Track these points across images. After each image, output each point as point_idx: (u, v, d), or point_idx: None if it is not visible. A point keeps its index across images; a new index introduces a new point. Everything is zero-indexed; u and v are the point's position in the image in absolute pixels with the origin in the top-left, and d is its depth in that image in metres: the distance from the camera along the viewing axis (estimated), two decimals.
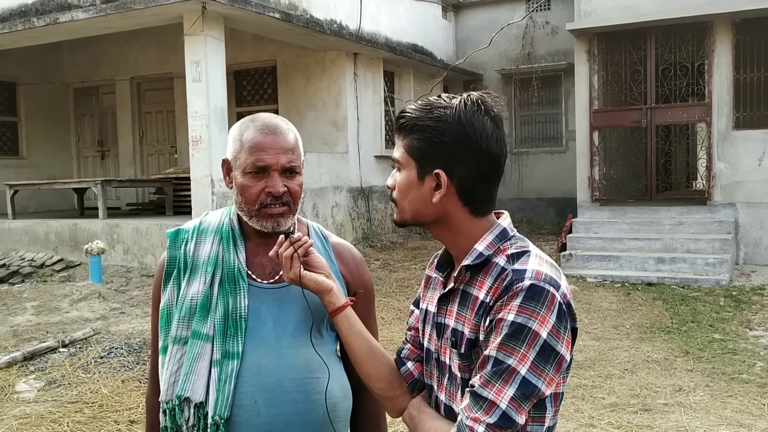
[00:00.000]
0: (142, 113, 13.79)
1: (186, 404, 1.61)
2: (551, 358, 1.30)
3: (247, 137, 1.66)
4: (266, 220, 1.66)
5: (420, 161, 1.41)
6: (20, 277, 9.22)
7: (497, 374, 1.29)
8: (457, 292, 1.44)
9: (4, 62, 12.31)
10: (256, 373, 1.62)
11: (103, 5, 9.09)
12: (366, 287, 1.83)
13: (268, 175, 1.64)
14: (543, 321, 1.29)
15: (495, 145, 1.39)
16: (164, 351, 1.67)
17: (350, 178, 11.77)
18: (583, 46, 10.86)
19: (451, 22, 15.45)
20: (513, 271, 1.34)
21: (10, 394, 4.91)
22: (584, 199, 10.95)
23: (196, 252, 1.71)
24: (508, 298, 1.31)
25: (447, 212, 1.42)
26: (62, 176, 13.55)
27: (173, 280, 1.70)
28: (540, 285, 1.31)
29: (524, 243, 1.43)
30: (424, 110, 1.41)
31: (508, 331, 1.29)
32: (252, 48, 11.90)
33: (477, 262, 1.40)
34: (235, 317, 1.64)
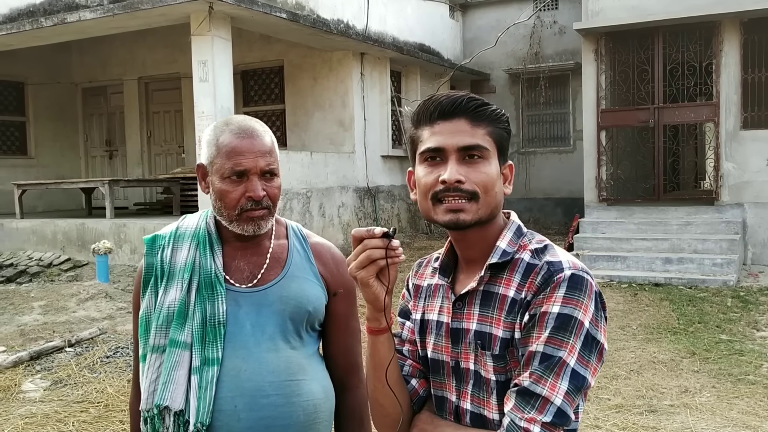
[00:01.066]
0: (149, 113, 13.84)
1: (166, 412, 1.60)
2: (594, 347, 1.28)
3: (223, 141, 1.63)
4: (247, 224, 1.64)
5: (501, 152, 1.39)
6: (28, 277, 9.26)
7: (549, 368, 1.25)
8: (476, 294, 1.38)
9: (13, 62, 12.37)
10: (235, 377, 1.60)
11: (111, 5, 9.12)
12: (347, 287, 1.80)
13: (247, 179, 1.62)
14: (586, 310, 1.27)
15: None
16: (143, 359, 1.66)
17: (357, 178, 11.78)
18: (591, 45, 10.82)
19: (458, 21, 15.43)
20: (548, 263, 1.32)
21: (17, 394, 4.93)
22: (591, 199, 10.91)
23: (173, 258, 1.69)
24: (551, 290, 1.28)
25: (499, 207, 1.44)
26: (70, 176, 13.61)
27: (150, 288, 1.69)
28: (580, 274, 1.30)
29: (541, 237, 1.41)
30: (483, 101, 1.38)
31: (555, 324, 1.26)
32: (259, 48, 11.92)
33: (503, 260, 1.36)
34: (214, 323, 1.62)
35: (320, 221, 10.80)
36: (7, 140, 13.34)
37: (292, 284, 1.70)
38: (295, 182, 10.26)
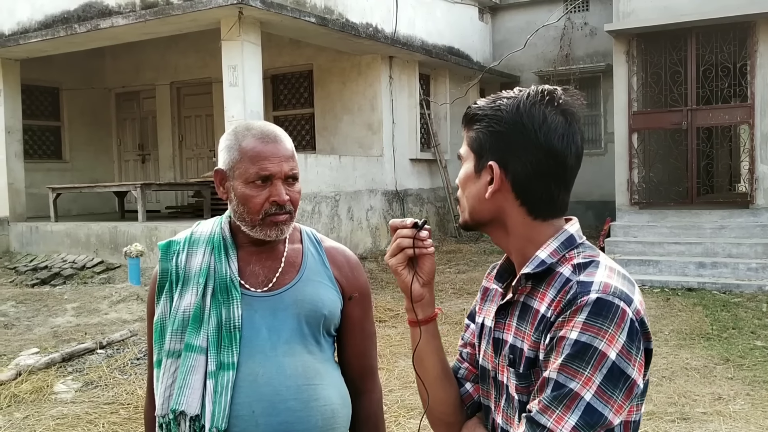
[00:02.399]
0: (181, 117, 14.01)
1: (181, 418, 1.60)
2: (621, 382, 1.15)
3: (247, 146, 1.63)
4: (270, 228, 1.64)
5: (477, 153, 1.31)
6: (62, 279, 9.42)
7: (557, 399, 1.16)
8: (517, 305, 1.32)
9: (48, 68, 12.61)
10: (253, 383, 1.60)
11: (143, 11, 9.25)
12: (362, 291, 1.80)
13: (271, 183, 1.62)
14: (611, 340, 1.14)
15: (559, 141, 1.25)
16: (158, 365, 1.66)
17: (385, 182, 11.78)
18: (622, 47, 10.69)
19: (488, 24, 15.37)
20: (578, 283, 1.21)
21: (49, 395, 5.01)
22: (623, 202, 10.78)
23: (188, 263, 1.69)
24: (571, 314, 1.17)
25: (503, 211, 1.30)
26: (104, 180, 13.83)
27: (165, 293, 1.69)
28: (608, 299, 1.17)
29: (593, 252, 1.29)
30: (489, 101, 1.32)
31: (571, 351, 1.16)
32: (289, 52, 12.00)
33: (538, 270, 1.27)
34: (229, 327, 1.62)
35: (348, 224, 10.82)
36: (42, 144, 13.60)
37: (307, 288, 1.70)
38: (324, 186, 10.30)
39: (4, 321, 7.32)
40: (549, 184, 1.28)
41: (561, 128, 1.26)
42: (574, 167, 1.30)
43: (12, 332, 6.90)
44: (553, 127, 1.25)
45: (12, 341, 6.54)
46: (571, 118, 1.27)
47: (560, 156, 1.26)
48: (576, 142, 1.28)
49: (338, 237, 10.42)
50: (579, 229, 1.34)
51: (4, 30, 10.87)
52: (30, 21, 10.58)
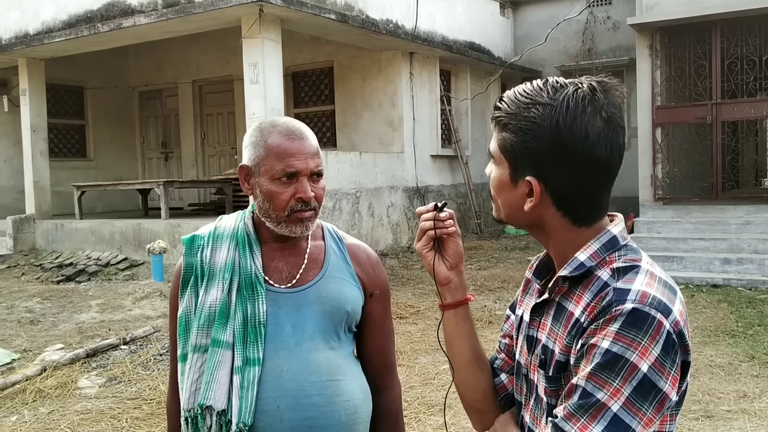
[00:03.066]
0: (203, 115, 14.11)
1: (208, 412, 1.60)
2: (651, 395, 1.12)
3: (273, 142, 1.63)
4: (296, 225, 1.65)
5: (512, 163, 1.24)
6: (86, 276, 9.53)
7: (584, 408, 1.13)
8: (553, 304, 1.28)
9: (73, 67, 12.77)
10: (278, 378, 1.61)
11: (164, 10, 9.32)
12: (382, 288, 1.81)
13: (296, 180, 1.62)
14: (644, 352, 1.11)
15: (603, 149, 1.18)
16: (183, 359, 1.66)
17: (406, 178, 11.77)
18: (645, 40, 10.57)
19: (509, 19, 15.28)
20: (614, 290, 1.16)
21: (73, 390, 5.07)
22: (647, 198, 10.67)
23: (213, 258, 1.69)
24: (605, 322, 1.13)
25: (543, 220, 1.26)
26: (128, 177, 13.98)
27: (190, 288, 1.69)
28: (644, 310, 1.12)
29: (636, 255, 1.23)
30: (522, 105, 1.22)
31: (601, 360, 1.12)
32: (309, 49, 12.03)
33: (576, 273, 1.22)
34: (255, 323, 1.62)
35: (369, 221, 10.83)
36: (67, 143, 13.78)
37: (331, 285, 1.70)
38: (345, 182, 10.32)
39: (30, 317, 7.43)
40: (593, 193, 1.23)
41: (603, 137, 1.18)
42: (617, 167, 1.23)
43: (38, 328, 7.01)
44: (596, 138, 1.18)
45: (38, 337, 6.64)
46: (613, 121, 1.19)
47: (603, 164, 1.20)
48: (619, 146, 1.21)
49: (359, 234, 10.43)
50: (623, 229, 1.27)
51: (29, 30, 11.01)
52: (54, 21, 10.70)
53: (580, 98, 1.19)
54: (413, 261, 10.39)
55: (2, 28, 11.39)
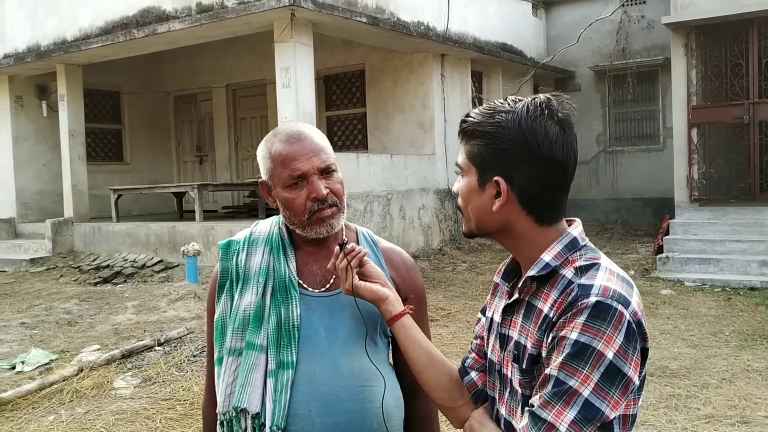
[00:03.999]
0: (237, 119, 14.27)
1: (243, 415, 1.61)
2: (617, 380, 1.23)
3: (276, 151, 1.65)
4: (319, 225, 1.65)
5: (480, 168, 1.37)
6: (123, 278, 9.70)
7: (557, 395, 1.24)
8: (522, 304, 1.39)
9: (110, 73, 13.01)
10: (310, 382, 1.61)
11: (198, 15, 9.45)
12: (417, 292, 1.80)
13: (307, 181, 1.63)
14: (609, 341, 1.22)
15: (560, 151, 1.32)
16: (219, 362, 1.68)
17: (437, 180, 11.75)
18: (680, 40, 10.42)
19: (541, 19, 15.18)
20: (579, 286, 1.28)
21: (109, 390, 5.17)
22: (682, 199, 10.51)
23: (248, 263, 1.71)
24: (572, 315, 1.25)
25: (510, 221, 1.37)
26: (163, 180, 14.19)
27: (226, 292, 1.71)
28: (607, 302, 1.24)
29: (595, 254, 1.36)
30: (486, 115, 1.36)
31: (571, 351, 1.23)
32: (341, 53, 12.09)
33: (543, 273, 1.34)
34: (288, 326, 1.63)
35: (401, 223, 10.84)
36: (104, 147, 14.04)
37: None
38: (376, 185, 10.34)
39: (68, 318, 7.59)
40: (553, 193, 1.36)
41: (560, 139, 1.32)
42: (572, 173, 1.37)
43: (75, 329, 7.15)
44: (554, 139, 1.32)
45: (75, 338, 6.78)
46: (567, 126, 1.34)
47: (562, 165, 1.34)
48: (574, 150, 1.35)
49: (390, 236, 10.44)
50: (582, 231, 1.40)
51: (67, 36, 11.25)
52: (91, 27, 10.92)
53: (538, 104, 1.34)
54: (444, 263, 10.37)
55: (41, 35, 11.65)
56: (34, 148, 12.84)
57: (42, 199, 12.85)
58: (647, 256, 10.46)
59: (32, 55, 11.57)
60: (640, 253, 10.88)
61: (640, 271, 9.63)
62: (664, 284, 8.84)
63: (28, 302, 8.54)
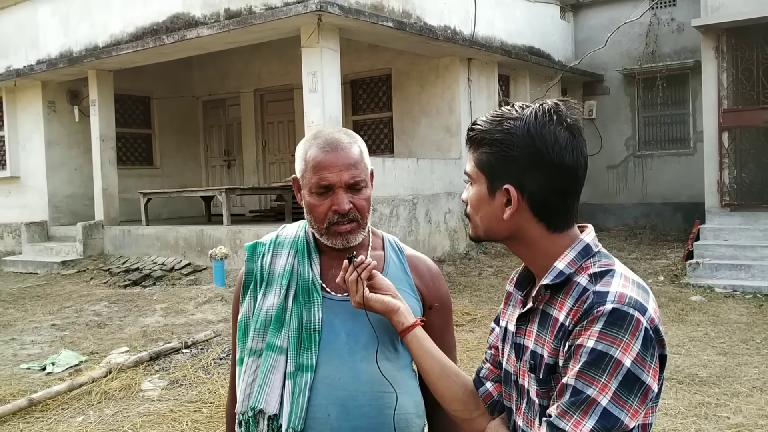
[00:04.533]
0: (264, 123, 14.38)
1: (260, 416, 1.62)
2: (636, 388, 1.21)
3: (310, 156, 1.66)
4: (335, 237, 1.66)
5: (489, 176, 1.35)
6: (152, 281, 9.82)
7: (575, 405, 1.22)
8: (537, 312, 1.37)
9: (140, 78, 13.20)
10: (330, 385, 1.61)
11: (226, 21, 9.55)
12: (442, 300, 1.79)
13: (333, 192, 1.64)
14: (626, 348, 1.20)
15: (570, 156, 1.31)
16: (241, 363, 1.69)
17: (463, 184, 11.68)
18: (711, 42, 10.28)
19: (569, 22, 15.07)
20: (594, 294, 1.26)
21: (137, 392, 5.24)
22: (713, 204, 10.36)
23: (272, 265, 1.73)
24: (588, 323, 1.23)
25: (521, 228, 1.36)
26: (192, 184, 14.35)
27: (250, 293, 1.73)
28: (623, 309, 1.22)
29: (609, 261, 1.34)
30: (494, 122, 1.34)
31: (588, 359, 1.21)
32: (368, 57, 12.12)
33: (557, 281, 1.32)
34: (309, 329, 1.64)
35: (426, 228, 10.82)
36: (135, 151, 14.23)
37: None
38: (402, 189, 10.34)
39: (97, 320, 7.70)
40: (565, 199, 1.34)
41: (569, 144, 1.31)
42: (583, 178, 1.35)
43: (104, 331, 7.25)
44: (563, 145, 1.30)
45: (104, 340, 6.87)
46: (576, 131, 1.32)
47: (572, 171, 1.32)
48: (583, 155, 1.34)
49: (416, 240, 10.44)
50: (595, 237, 1.38)
51: (99, 42, 11.43)
52: (122, 33, 11.09)
53: (546, 110, 1.32)
54: (470, 268, 10.34)
55: (73, 42, 11.86)
56: (66, 152, 13.07)
57: (73, 202, 13.06)
58: (677, 261, 10.32)
59: (64, 61, 11.78)
60: (669, 258, 10.74)
61: (669, 276, 9.50)
62: (694, 290, 8.71)
63: (59, 304, 8.69)
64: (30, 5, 12.62)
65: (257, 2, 9.37)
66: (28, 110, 13.18)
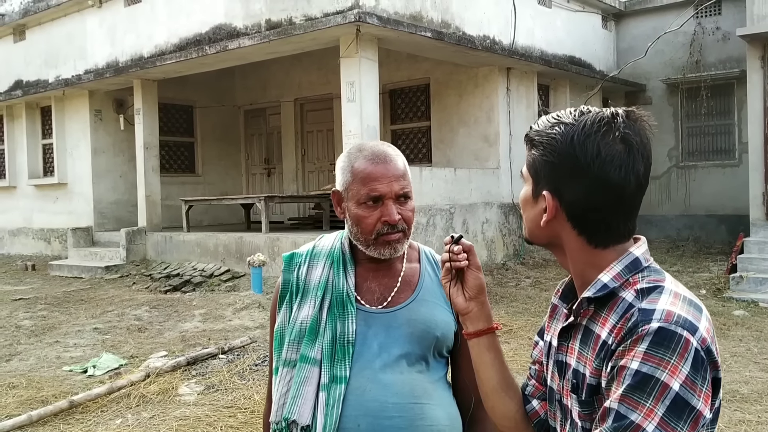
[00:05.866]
0: (304, 132, 14.54)
1: (294, 426, 1.64)
2: (685, 413, 1.12)
3: (358, 167, 1.67)
4: (384, 247, 1.67)
5: (534, 179, 1.31)
6: (192, 286, 9.98)
7: (618, 430, 1.13)
8: (579, 328, 1.29)
9: (184, 88, 13.48)
10: (360, 396, 1.62)
11: (267, 32, 9.69)
12: None
13: (382, 203, 1.65)
14: (674, 371, 1.11)
15: (616, 172, 1.21)
16: (276, 372, 1.71)
17: (501, 194, 11.66)
18: (756, 52, 10.09)
19: (611, 31, 14.92)
20: (639, 311, 1.17)
21: (174, 396, 5.33)
22: (758, 216, 10.13)
23: (308, 276, 1.74)
24: (632, 343, 1.14)
25: (560, 238, 1.30)
26: (233, 192, 14.58)
27: (286, 303, 1.75)
28: (670, 329, 1.13)
29: (659, 276, 1.24)
30: (548, 124, 1.29)
31: (632, 382, 1.13)
32: (406, 67, 12.18)
33: (600, 294, 1.24)
34: (343, 342, 1.65)
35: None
36: (177, 159, 14.52)
37: (422, 308, 1.71)
38: (439, 198, 10.34)
39: (138, 324, 7.86)
40: (606, 215, 1.25)
41: (618, 159, 1.21)
42: (635, 196, 1.26)
43: (144, 335, 7.40)
44: (609, 159, 1.21)
45: (144, 344, 7.01)
46: (632, 146, 1.22)
47: (617, 187, 1.22)
48: (637, 171, 1.23)
49: None
50: (646, 251, 1.29)
51: (144, 53, 11.71)
52: (166, 44, 11.34)
53: (598, 119, 1.24)
54: (508, 278, 10.27)
55: (119, 52, 12.17)
56: (112, 159, 13.39)
57: (118, 208, 13.37)
58: (720, 275, 10.11)
59: (111, 70, 12.09)
60: (712, 271, 10.52)
61: (712, 290, 9.31)
62: (737, 305, 8.52)
63: (101, 308, 8.89)
64: (79, 17, 13.00)
65: (297, 13, 9.50)
66: (75, 118, 13.56)
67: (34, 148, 14.65)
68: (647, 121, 1.26)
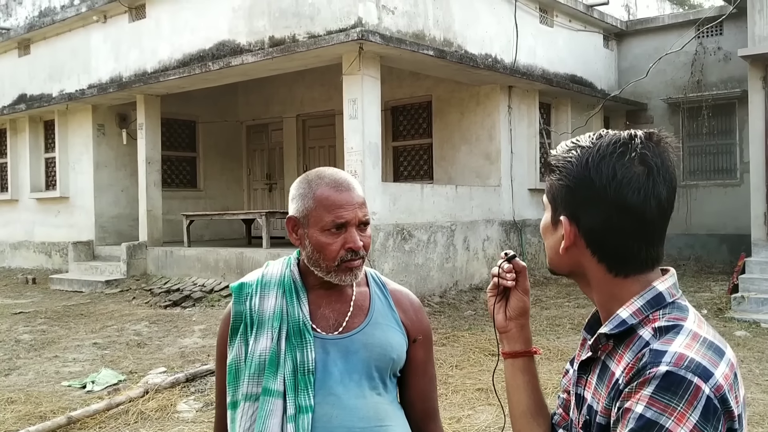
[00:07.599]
0: (306, 148, 14.58)
1: None
2: None
3: (321, 194, 1.67)
4: (345, 274, 1.67)
5: (553, 204, 1.27)
6: (191, 302, 9.96)
7: None
8: (598, 362, 1.24)
9: (187, 103, 13.53)
10: (328, 423, 1.63)
11: (270, 49, 9.75)
12: (425, 333, 1.83)
13: (345, 230, 1.66)
14: (681, 419, 1.04)
15: (634, 195, 1.15)
16: (233, 406, 1.69)
17: (502, 212, 11.67)
18: (758, 72, 10.13)
19: (613, 51, 14.99)
20: (651, 351, 1.11)
21: (172, 413, 5.30)
22: (759, 236, 10.12)
23: (261, 306, 1.71)
24: (639, 385, 1.08)
25: (581, 266, 1.24)
26: (234, 207, 14.59)
27: (240, 336, 1.71)
28: (679, 373, 1.06)
29: (681, 314, 1.17)
30: (566, 149, 1.25)
31: (635, 426, 1.07)
32: (409, 84, 12.23)
33: (616, 331, 1.19)
34: (304, 371, 1.65)
35: (464, 255, 10.79)
36: (179, 174, 14.55)
37: (376, 332, 1.73)
38: (440, 215, 10.35)
39: (137, 340, 7.84)
40: (627, 241, 1.19)
41: (636, 182, 1.16)
42: (657, 221, 1.19)
43: (144, 351, 7.38)
44: (626, 182, 1.16)
45: (143, 359, 6.99)
46: (652, 168, 1.17)
47: (636, 211, 1.16)
48: (658, 195, 1.17)
49: (453, 267, 10.41)
50: (672, 285, 1.22)
51: (147, 68, 11.77)
52: (170, 60, 11.40)
53: (614, 141, 1.19)
54: None
55: (123, 67, 12.23)
56: (114, 174, 13.42)
57: (119, 223, 13.38)
58: (721, 295, 10.08)
59: (114, 85, 12.15)
60: (713, 291, 10.50)
61: (713, 310, 9.28)
62: (739, 325, 8.49)
63: (101, 323, 8.87)
64: (83, 32, 13.08)
65: (301, 31, 9.56)
66: (78, 133, 13.61)
67: (37, 162, 14.69)
68: (671, 144, 1.21)
